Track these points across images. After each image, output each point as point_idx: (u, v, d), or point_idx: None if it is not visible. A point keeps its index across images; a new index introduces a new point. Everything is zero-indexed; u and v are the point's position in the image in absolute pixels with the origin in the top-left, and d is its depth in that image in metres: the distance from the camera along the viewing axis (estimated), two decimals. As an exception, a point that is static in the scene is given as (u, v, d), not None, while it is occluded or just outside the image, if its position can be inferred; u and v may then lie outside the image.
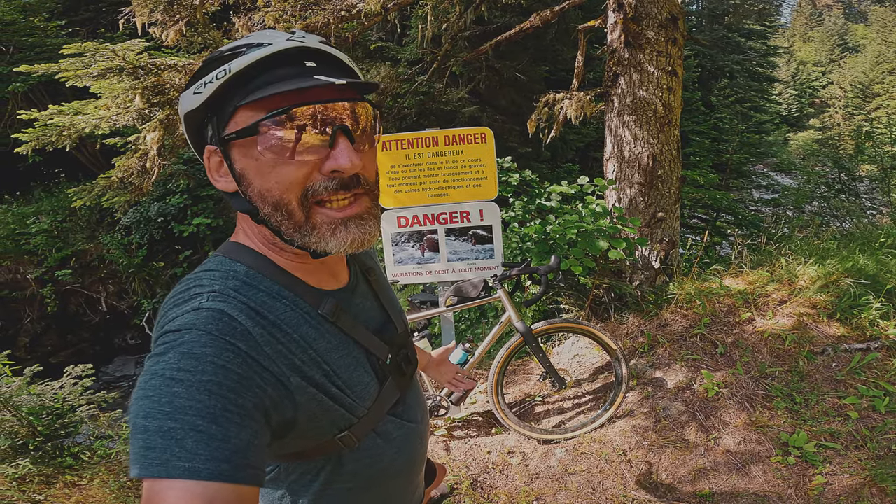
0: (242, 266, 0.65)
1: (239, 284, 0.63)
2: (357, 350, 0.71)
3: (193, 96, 0.62)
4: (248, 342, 0.57)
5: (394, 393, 0.76)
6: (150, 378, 0.53)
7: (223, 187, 0.66)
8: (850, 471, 2.17)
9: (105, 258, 7.64)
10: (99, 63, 3.00)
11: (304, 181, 0.61)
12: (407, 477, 0.83)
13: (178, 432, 0.49)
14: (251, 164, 0.62)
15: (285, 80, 0.59)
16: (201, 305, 0.58)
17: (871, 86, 33.64)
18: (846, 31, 54.83)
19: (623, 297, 3.63)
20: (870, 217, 7.75)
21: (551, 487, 2.28)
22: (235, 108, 0.60)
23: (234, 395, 0.53)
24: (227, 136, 0.61)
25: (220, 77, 0.59)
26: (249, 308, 0.60)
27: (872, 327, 2.90)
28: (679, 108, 3.65)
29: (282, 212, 0.62)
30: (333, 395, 0.66)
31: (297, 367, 0.62)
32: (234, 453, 0.51)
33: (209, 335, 0.55)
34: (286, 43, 0.60)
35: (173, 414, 0.50)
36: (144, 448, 0.49)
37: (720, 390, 2.66)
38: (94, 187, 3.87)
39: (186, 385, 0.51)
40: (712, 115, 10.95)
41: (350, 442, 0.69)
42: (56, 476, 2.18)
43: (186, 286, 0.63)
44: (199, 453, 0.49)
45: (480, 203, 2.69)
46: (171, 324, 0.57)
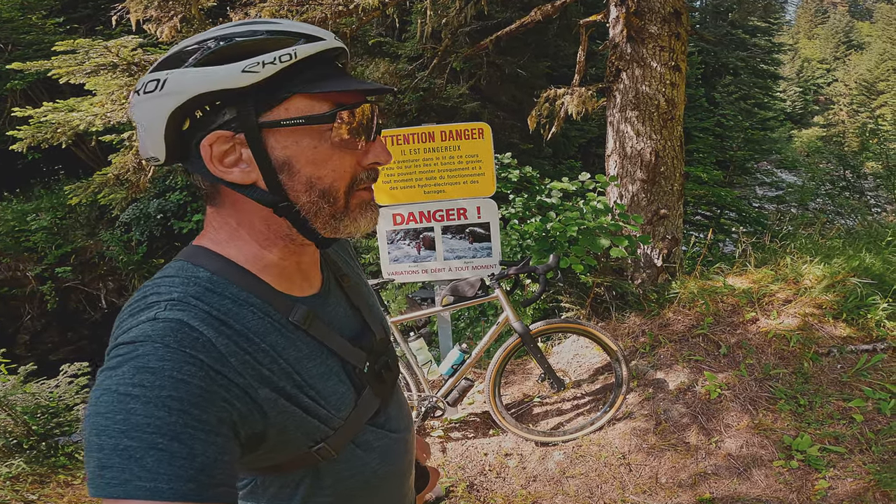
0: (205, 271, 0.61)
1: (201, 291, 0.59)
2: (331, 359, 0.68)
3: (242, 74, 0.56)
4: (210, 354, 0.54)
5: (373, 402, 0.73)
6: (102, 393, 0.49)
7: (236, 179, 0.61)
8: (853, 475, 2.14)
9: (105, 255, 7.65)
10: (92, 60, 2.97)
11: (352, 171, 0.65)
12: (392, 488, 0.80)
13: (136, 451, 0.46)
14: (304, 152, 0.61)
15: (339, 78, 0.63)
16: (157, 315, 0.54)
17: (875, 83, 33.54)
18: (851, 28, 54.58)
19: (624, 295, 3.58)
20: (874, 215, 7.69)
21: (549, 491, 2.25)
22: (291, 94, 0.59)
23: (198, 410, 0.50)
24: (288, 121, 0.59)
25: (283, 60, 0.57)
26: (212, 317, 0.57)
27: (879, 328, 2.86)
28: (682, 104, 3.60)
29: (328, 199, 0.63)
30: (306, 406, 0.63)
31: (266, 378, 0.58)
32: (199, 472, 0.47)
33: (167, 347, 0.51)
34: (335, 42, 0.63)
35: (129, 432, 0.47)
36: (100, 467, 0.46)
37: (723, 392, 2.62)
38: (91, 185, 3.86)
39: (143, 401, 0.48)
40: (716, 111, 10.88)
41: (327, 454, 0.66)
42: (49, 475, 2.16)
43: (143, 294, 0.58)
44: (160, 472, 0.46)
45: (478, 200, 2.65)
46: (126, 335, 0.53)
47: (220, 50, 0.58)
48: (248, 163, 0.60)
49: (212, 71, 0.57)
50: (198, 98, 0.58)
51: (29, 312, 7.09)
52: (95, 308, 7.58)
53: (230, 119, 0.59)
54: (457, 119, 6.33)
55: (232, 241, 0.65)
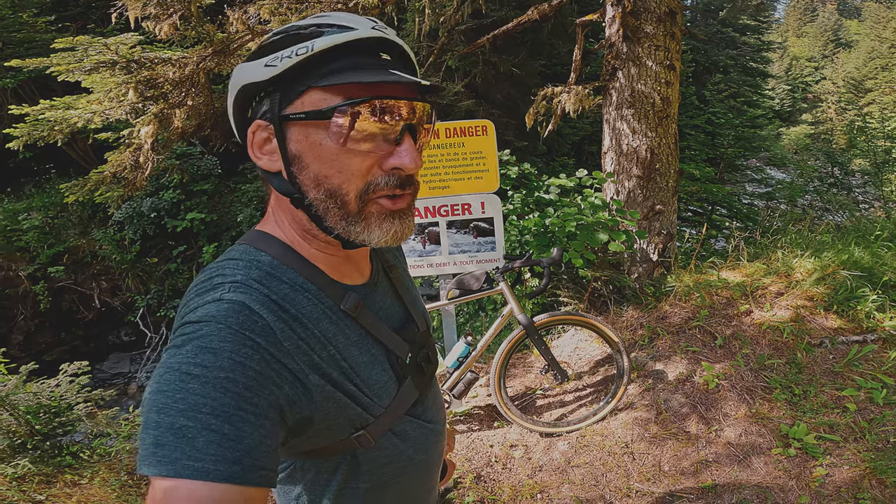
0: (267, 256, 0.64)
1: (262, 275, 0.61)
2: (376, 348, 0.70)
3: (265, 68, 0.59)
4: (267, 338, 0.56)
5: (412, 393, 0.74)
6: (165, 371, 0.51)
7: (265, 165, 0.64)
8: (849, 463, 2.19)
9: (98, 254, 7.57)
10: (91, 57, 2.95)
11: (367, 174, 0.60)
12: (424, 476, 0.82)
13: (190, 430, 0.48)
14: (312, 148, 0.60)
15: (365, 70, 0.59)
16: (222, 296, 0.57)
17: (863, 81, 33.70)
18: (839, 26, 55.04)
19: (622, 289, 3.64)
20: (862, 211, 7.83)
21: (555, 480, 2.29)
22: (307, 88, 0.59)
23: (250, 393, 0.52)
24: (294, 115, 0.59)
25: (300, 53, 0.57)
26: (271, 301, 0.59)
27: (869, 319, 2.92)
28: (677, 102, 3.66)
29: (336, 200, 0.61)
30: (351, 393, 0.64)
31: (316, 364, 0.60)
32: (245, 454, 0.49)
33: (228, 329, 0.54)
34: (371, 31, 0.59)
35: (187, 411, 0.49)
36: (155, 445, 0.48)
37: (720, 382, 2.67)
38: (87, 182, 3.83)
39: (202, 381, 0.50)
40: (706, 109, 10.99)
41: (366, 441, 0.68)
42: (56, 475, 2.15)
43: (209, 275, 0.61)
44: (209, 453, 0.48)
45: (482, 195, 2.68)
46: (192, 314, 0.56)
47: (265, 45, 0.61)
48: (276, 152, 0.62)
49: (249, 65, 0.61)
50: (244, 89, 0.62)
51: (22, 313, 6.99)
52: (89, 308, 7.49)
53: (266, 110, 0.61)
54: (452, 116, 6.35)
55: (280, 227, 0.68)
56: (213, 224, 7.96)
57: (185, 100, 3.28)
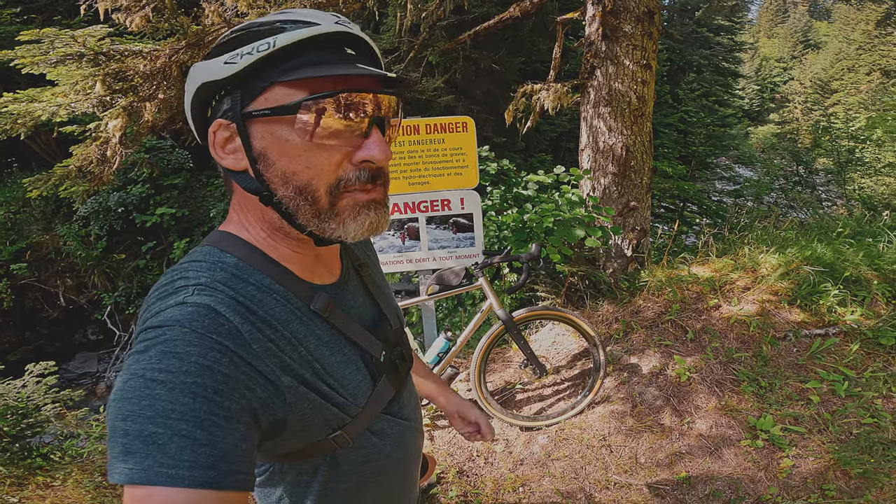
0: (232, 257, 0.62)
1: (228, 277, 0.60)
2: (349, 347, 0.69)
3: (224, 66, 0.58)
4: (235, 340, 0.55)
5: (388, 391, 0.74)
6: (129, 378, 0.50)
7: (230, 165, 0.63)
8: (814, 454, 2.27)
9: (62, 251, 7.29)
10: (58, 49, 2.84)
11: (336, 169, 0.60)
12: (404, 474, 0.83)
13: (160, 437, 0.47)
14: (277, 144, 0.59)
15: (330, 64, 0.58)
16: (186, 300, 0.55)
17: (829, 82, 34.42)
18: (810, 27, 56.47)
19: (597, 284, 3.70)
20: (825, 208, 8.16)
21: (536, 473, 2.32)
22: (270, 84, 0.58)
23: (220, 397, 0.51)
24: (258, 112, 0.58)
25: (261, 50, 0.56)
26: (238, 303, 0.58)
27: (830, 313, 3.03)
28: (652, 101, 3.73)
29: (306, 196, 0.60)
30: (325, 393, 0.64)
31: (288, 365, 0.60)
32: (220, 459, 0.49)
33: (194, 333, 0.52)
34: (334, 26, 0.59)
35: (155, 418, 0.47)
36: (125, 453, 0.47)
37: (691, 375, 2.75)
38: (51, 177, 3.68)
39: (169, 387, 0.49)
40: (679, 108, 11.24)
41: (344, 441, 0.68)
42: (27, 477, 2.08)
43: (171, 278, 0.59)
44: (183, 459, 0.47)
45: (461, 191, 2.69)
46: (154, 319, 0.54)
47: (224, 43, 0.60)
48: (240, 151, 0.61)
49: (207, 63, 0.60)
50: (202, 88, 0.61)
51: (-17, 312, 6.71)
52: (53, 306, 7.22)
53: (227, 108, 0.60)
54: (431, 112, 6.33)
55: (245, 227, 0.67)
56: (184, 219, 7.76)
57: (156, 93, 3.18)
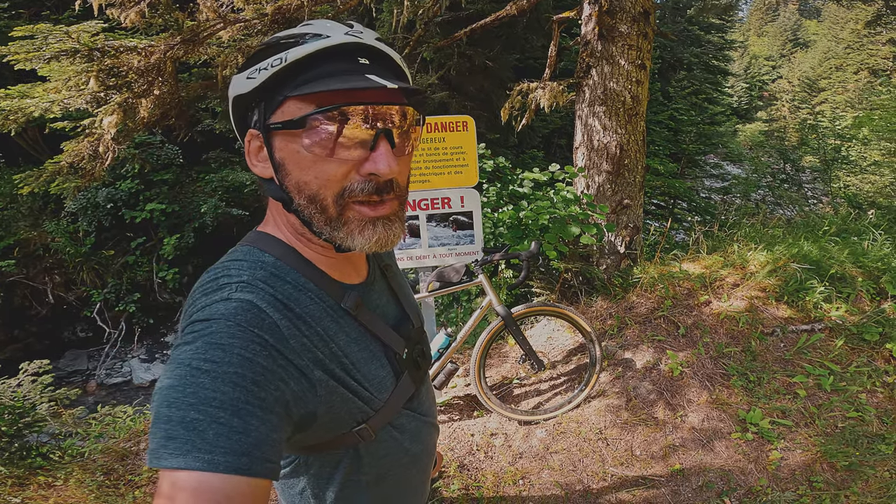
0: (271, 257, 0.66)
1: (267, 275, 0.63)
2: (374, 344, 0.73)
3: (247, 80, 0.62)
4: (274, 335, 0.58)
5: (409, 387, 0.77)
6: (176, 367, 0.53)
7: (260, 172, 0.67)
8: (802, 447, 2.34)
9: (50, 247, 7.18)
10: (51, 45, 2.81)
11: (343, 180, 0.62)
12: (420, 467, 0.86)
13: (200, 423, 0.49)
14: (292, 156, 0.62)
15: (338, 76, 0.59)
16: (230, 296, 0.59)
17: (817, 81, 34.49)
18: (799, 26, 56.82)
19: (591, 280, 3.75)
20: (811, 206, 8.31)
21: (535, 466, 2.37)
22: (285, 98, 0.60)
23: (257, 387, 0.53)
24: (273, 125, 0.61)
25: (275, 65, 0.59)
26: (277, 300, 0.61)
27: (816, 310, 3.11)
28: (646, 101, 3.78)
29: (316, 205, 0.63)
30: (352, 388, 0.67)
31: (320, 360, 0.63)
32: (253, 447, 0.51)
33: (237, 326, 0.56)
34: (343, 37, 0.60)
35: (197, 405, 0.50)
36: (167, 438, 0.49)
37: (683, 370, 2.81)
38: (42, 173, 3.64)
39: (212, 376, 0.52)
40: (670, 105, 11.34)
41: (367, 434, 0.71)
42: (28, 477, 2.07)
43: (215, 275, 0.63)
44: (219, 445, 0.49)
45: (461, 189, 2.72)
46: (200, 313, 0.58)
47: (252, 56, 0.63)
48: (267, 160, 0.65)
49: (237, 77, 0.64)
50: (236, 101, 0.65)
51: (-30, 309, 6.59)
52: (42, 303, 7.12)
53: (256, 119, 0.64)
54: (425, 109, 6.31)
55: (279, 229, 0.70)
56: (174, 215, 7.67)
57: (151, 89, 3.16)
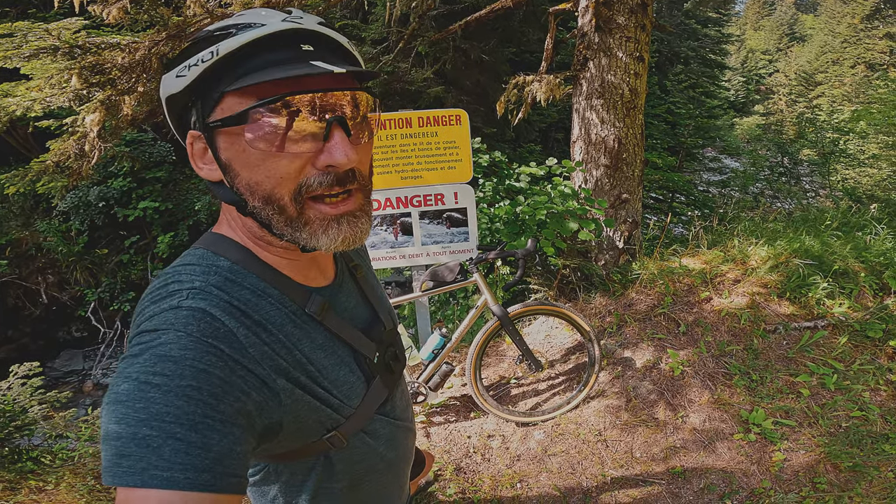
0: (226, 261, 0.61)
1: (222, 281, 0.59)
2: (343, 349, 0.69)
3: (176, 79, 0.56)
4: (231, 344, 0.54)
5: (382, 392, 0.75)
6: (122, 381, 0.49)
7: (207, 175, 0.62)
8: (805, 447, 2.30)
9: (42, 247, 7.11)
10: (31, 43, 2.75)
11: (298, 175, 0.57)
12: (396, 473, 0.84)
13: (154, 440, 0.46)
14: (238, 155, 0.57)
15: (278, 66, 0.54)
16: (181, 304, 0.54)
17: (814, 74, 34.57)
18: (795, 20, 56.88)
19: (590, 277, 3.70)
20: (809, 199, 8.29)
21: (533, 469, 2.32)
22: (222, 94, 0.55)
23: (215, 400, 0.50)
24: (213, 124, 0.56)
25: (205, 60, 0.54)
26: (233, 307, 0.57)
27: (819, 306, 3.06)
28: (644, 94, 3.72)
29: (273, 206, 0.58)
30: (319, 395, 0.64)
31: (283, 368, 0.59)
32: (214, 462, 0.48)
33: (189, 336, 0.52)
34: (280, 24, 0.55)
35: (149, 420, 0.47)
36: (118, 456, 0.46)
37: (684, 369, 2.76)
38: (28, 173, 3.59)
39: (163, 390, 0.48)
40: (667, 99, 11.29)
41: (338, 442, 0.69)
42: (19, 482, 2.04)
43: (164, 281, 0.58)
44: (177, 462, 0.46)
45: (455, 185, 2.65)
46: (148, 322, 0.54)
47: (180, 53, 0.58)
48: (213, 162, 0.60)
49: (166, 77, 0.59)
50: (168, 101, 0.60)
51: (-37, 311, 6.52)
52: (35, 303, 7.05)
53: (195, 119, 0.59)
54: (420, 103, 6.27)
55: (235, 232, 0.66)
56: (167, 213, 7.60)
57: (135, 86, 3.09)
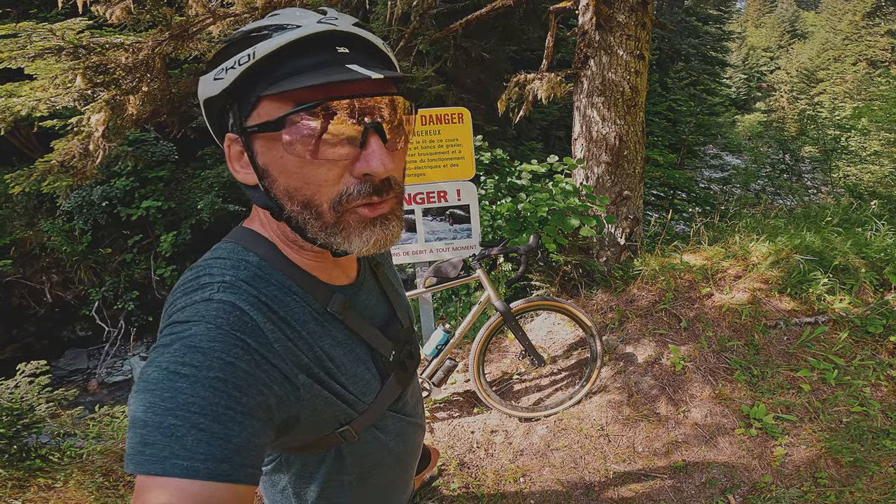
0: (255, 256, 0.63)
1: (251, 276, 0.60)
2: (361, 347, 0.71)
3: (214, 82, 0.57)
4: (257, 338, 0.56)
5: (395, 389, 0.76)
6: (153, 370, 0.51)
7: (243, 179, 0.62)
8: (806, 442, 2.31)
9: (47, 246, 7.14)
10: (35, 43, 2.77)
11: (337, 182, 0.56)
12: (404, 467, 0.86)
13: (178, 429, 0.47)
14: (276, 161, 0.57)
15: (315, 70, 0.53)
16: (212, 296, 0.56)
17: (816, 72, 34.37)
18: (797, 17, 56.64)
19: (591, 273, 3.72)
20: (811, 196, 8.29)
21: (536, 464, 2.34)
22: (259, 99, 0.55)
23: (239, 392, 0.51)
24: (250, 128, 0.56)
25: (242, 63, 0.54)
26: (261, 302, 0.58)
27: (820, 302, 3.07)
28: (645, 91, 3.73)
29: (311, 211, 0.58)
30: (336, 391, 0.66)
31: (304, 364, 0.61)
32: (234, 453, 0.49)
33: (218, 329, 0.53)
34: (316, 26, 0.54)
35: (175, 410, 0.48)
36: (142, 444, 0.47)
37: (686, 364, 2.78)
38: (32, 172, 3.62)
39: (191, 381, 0.49)
40: (668, 96, 11.28)
41: (350, 436, 0.70)
42: (28, 479, 2.06)
43: (196, 274, 0.60)
44: (199, 452, 0.47)
45: (458, 183, 2.67)
46: (179, 314, 0.55)
47: (217, 55, 0.58)
48: (250, 166, 0.60)
49: (204, 79, 0.59)
50: (207, 103, 0.60)
51: (-31, 311, 6.56)
52: (40, 303, 7.09)
53: (232, 123, 0.59)
54: (422, 102, 6.28)
55: (266, 230, 0.67)
56: (170, 212, 7.63)
57: (139, 86, 3.11)
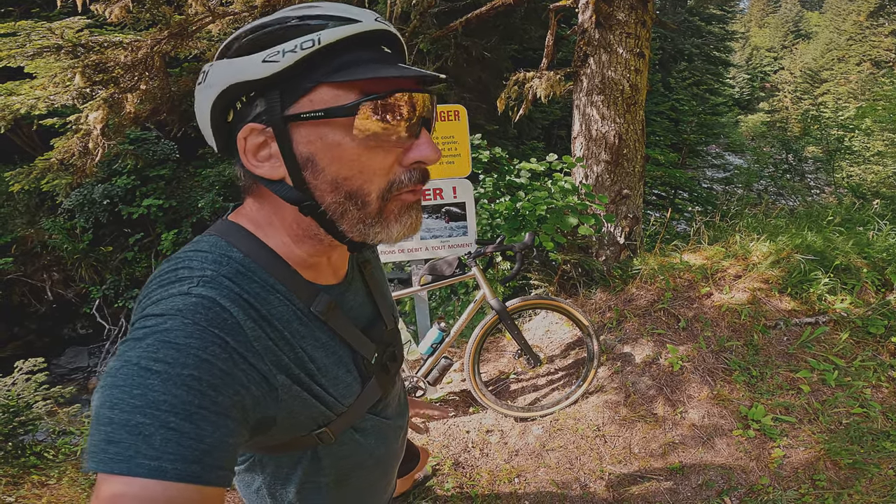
0: (238, 252, 0.61)
1: (233, 272, 0.58)
2: (343, 349, 0.69)
3: (263, 64, 0.54)
4: (237, 336, 0.54)
5: (376, 392, 0.75)
6: (122, 365, 0.48)
7: (265, 173, 0.59)
8: (805, 444, 2.29)
9: (48, 244, 7.17)
10: (34, 42, 2.78)
11: (388, 172, 0.59)
12: (384, 470, 0.85)
13: (147, 428, 0.45)
14: (329, 149, 0.56)
15: (374, 64, 0.56)
16: (190, 290, 0.54)
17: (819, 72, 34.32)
18: (801, 17, 56.47)
19: (590, 272, 3.71)
20: (814, 196, 8.25)
21: (531, 464, 2.33)
22: (316, 84, 0.55)
23: (214, 391, 0.50)
24: (306, 115, 0.55)
25: (306, 47, 0.53)
26: (242, 299, 0.56)
27: (821, 302, 3.04)
28: (645, 90, 3.71)
29: (356, 201, 0.59)
30: (316, 393, 0.64)
31: (284, 364, 0.60)
32: (205, 454, 0.48)
33: (195, 325, 0.51)
34: (375, 23, 0.56)
35: (144, 408, 0.46)
36: (106, 441, 0.45)
37: (684, 364, 2.75)
38: (32, 170, 3.62)
39: (163, 377, 0.47)
40: (670, 96, 11.24)
41: (327, 437, 0.69)
42: (22, 476, 2.06)
43: (173, 265, 0.57)
44: (167, 452, 0.45)
45: (454, 180, 2.66)
46: (154, 307, 0.53)
47: (253, 39, 0.56)
48: (276, 157, 0.58)
49: (238, 62, 0.56)
50: (230, 89, 0.57)
51: (-30, 308, 6.59)
52: (41, 301, 7.12)
53: (261, 111, 0.57)
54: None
55: (267, 226, 0.65)
56: (171, 210, 7.65)
57: (137, 84, 3.12)
